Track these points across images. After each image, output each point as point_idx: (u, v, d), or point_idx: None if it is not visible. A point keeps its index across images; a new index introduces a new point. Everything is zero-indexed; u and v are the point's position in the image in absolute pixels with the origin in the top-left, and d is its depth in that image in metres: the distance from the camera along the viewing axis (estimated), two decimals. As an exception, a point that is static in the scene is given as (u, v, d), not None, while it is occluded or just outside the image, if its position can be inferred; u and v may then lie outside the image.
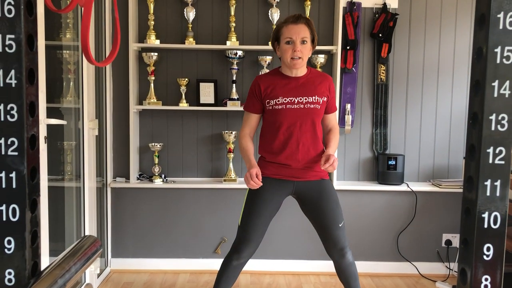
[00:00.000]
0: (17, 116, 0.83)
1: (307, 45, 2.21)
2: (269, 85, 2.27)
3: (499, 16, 0.81)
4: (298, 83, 2.27)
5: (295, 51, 2.18)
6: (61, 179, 2.76)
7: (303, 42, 2.19)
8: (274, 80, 2.29)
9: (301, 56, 2.20)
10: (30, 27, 0.85)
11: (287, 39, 2.19)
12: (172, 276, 3.29)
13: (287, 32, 2.19)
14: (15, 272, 0.84)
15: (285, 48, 2.21)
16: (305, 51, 2.21)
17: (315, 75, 2.32)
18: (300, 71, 2.28)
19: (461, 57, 3.37)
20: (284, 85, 2.26)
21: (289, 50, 2.19)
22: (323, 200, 2.30)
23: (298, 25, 2.19)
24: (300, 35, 2.18)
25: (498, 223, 0.84)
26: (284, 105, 2.24)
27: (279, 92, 2.25)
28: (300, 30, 2.19)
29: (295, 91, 2.25)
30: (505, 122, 0.83)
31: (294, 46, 2.18)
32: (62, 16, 2.68)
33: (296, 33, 2.18)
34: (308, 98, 2.25)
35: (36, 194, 0.88)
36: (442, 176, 3.44)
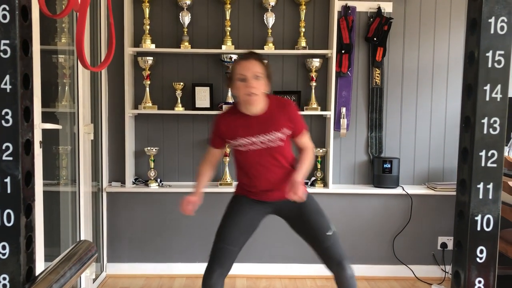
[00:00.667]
0: (12, 121, 0.83)
1: (261, 80, 2.14)
2: (229, 127, 2.23)
3: (490, 21, 0.82)
4: (256, 122, 2.21)
5: (248, 87, 2.11)
6: (57, 184, 2.75)
7: (256, 77, 2.13)
8: (233, 120, 2.23)
9: (255, 92, 2.12)
10: (25, 32, 0.85)
11: (239, 76, 2.13)
12: (168, 280, 3.28)
13: (240, 69, 2.14)
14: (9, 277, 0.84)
15: (238, 85, 2.14)
16: (259, 86, 2.14)
17: (274, 107, 2.23)
18: (258, 108, 2.20)
19: (455, 61, 3.39)
20: (243, 125, 2.21)
21: (242, 87, 2.13)
22: (304, 213, 2.27)
23: (249, 61, 2.15)
24: (252, 70, 2.12)
25: (491, 225, 0.85)
26: (245, 146, 2.21)
27: (239, 133, 2.21)
28: (252, 66, 2.13)
29: (254, 130, 2.20)
30: (497, 126, 0.84)
31: (247, 82, 2.12)
32: (57, 20, 2.68)
33: (248, 69, 2.12)
34: (268, 136, 2.20)
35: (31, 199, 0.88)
36: (437, 179, 3.46)
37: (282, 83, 3.39)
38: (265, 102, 2.22)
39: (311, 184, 3.35)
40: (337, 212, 3.36)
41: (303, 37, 3.28)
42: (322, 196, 3.34)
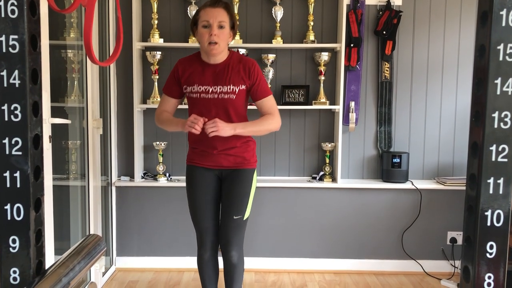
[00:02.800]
0: (20, 116, 0.84)
1: (225, 30, 2.11)
2: (186, 70, 2.22)
3: (501, 13, 0.81)
4: (214, 71, 2.18)
5: (211, 35, 2.08)
6: (66, 178, 2.77)
7: (220, 26, 2.09)
8: (192, 66, 2.22)
9: (217, 41, 2.09)
10: (33, 27, 0.85)
11: (203, 22, 2.10)
12: (177, 274, 3.30)
13: (204, 15, 2.11)
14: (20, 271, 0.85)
15: (201, 32, 2.12)
16: (222, 36, 2.10)
17: (234, 62, 2.20)
18: (218, 57, 2.18)
19: (466, 54, 3.35)
20: (201, 72, 2.19)
21: (205, 34, 2.10)
22: (231, 186, 2.26)
23: (215, 8, 2.10)
24: (218, 18, 2.08)
25: (501, 221, 0.84)
26: (198, 94, 2.19)
27: (195, 79, 2.19)
28: (218, 13, 2.09)
29: (210, 79, 2.18)
30: (508, 120, 0.83)
31: (211, 30, 2.08)
32: (66, 15, 2.69)
33: (213, 16, 2.08)
34: (222, 88, 2.17)
35: (40, 194, 0.89)
36: (447, 173, 3.43)
37: (291, 77, 3.37)
38: (227, 53, 2.20)
39: (320, 179, 3.34)
40: (346, 207, 3.35)
41: (311, 30, 3.26)
42: (330, 191, 3.34)
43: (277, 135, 3.41)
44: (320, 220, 3.37)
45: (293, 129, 3.41)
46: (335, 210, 3.34)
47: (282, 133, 3.41)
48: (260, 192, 3.35)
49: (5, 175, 0.84)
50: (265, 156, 3.43)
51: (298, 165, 3.43)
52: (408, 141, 3.42)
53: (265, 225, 3.36)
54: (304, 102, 3.29)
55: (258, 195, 3.42)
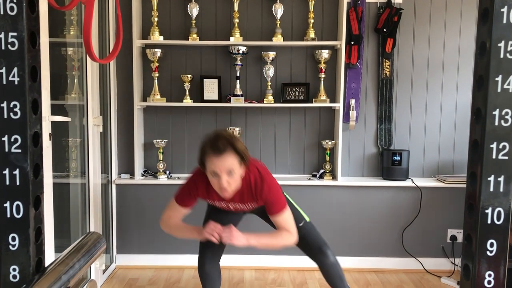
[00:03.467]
0: (20, 113, 0.84)
1: (235, 173, 2.00)
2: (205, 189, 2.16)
3: (502, 10, 0.80)
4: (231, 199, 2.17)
5: (221, 183, 1.98)
6: (66, 176, 2.77)
7: (230, 173, 1.98)
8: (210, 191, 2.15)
9: (229, 188, 2.01)
10: (32, 24, 0.85)
11: (211, 172, 1.99)
12: (177, 272, 3.31)
13: (211, 164, 1.97)
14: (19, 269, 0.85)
15: (212, 180, 2.02)
16: (233, 180, 2.00)
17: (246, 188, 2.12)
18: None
19: (466, 52, 3.35)
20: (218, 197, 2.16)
21: (215, 182, 2.01)
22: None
23: (222, 156, 1.95)
24: (225, 167, 1.95)
25: (501, 218, 0.84)
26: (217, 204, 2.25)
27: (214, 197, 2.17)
28: (225, 162, 1.95)
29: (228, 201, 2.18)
30: (508, 117, 0.83)
31: (220, 179, 1.98)
32: (65, 13, 2.69)
33: (220, 166, 1.95)
34: (241, 205, 2.21)
35: (40, 191, 0.89)
36: (447, 171, 3.43)
37: (291, 75, 3.37)
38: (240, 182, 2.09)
39: (320, 177, 3.34)
40: (346, 204, 3.35)
41: (312, 28, 3.25)
42: (331, 189, 3.34)
43: (277, 132, 3.41)
44: (320, 218, 3.36)
45: (293, 126, 3.41)
46: (335, 208, 3.34)
47: (282, 131, 3.41)
48: (260, 190, 3.35)
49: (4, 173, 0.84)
50: (265, 153, 3.42)
51: (298, 162, 3.43)
52: (409, 139, 3.41)
53: (265, 223, 3.36)
54: (304, 99, 3.29)
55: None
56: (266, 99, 3.26)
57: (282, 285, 3.12)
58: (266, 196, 2.11)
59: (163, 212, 2.27)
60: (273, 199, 2.13)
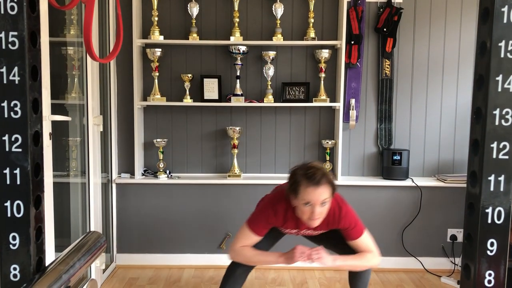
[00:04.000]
0: (20, 112, 0.84)
1: (327, 204, 2.05)
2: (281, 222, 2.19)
3: (503, 10, 0.80)
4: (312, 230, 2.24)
5: (313, 213, 2.02)
6: (67, 175, 2.77)
7: (323, 204, 2.03)
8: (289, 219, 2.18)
9: (320, 218, 2.06)
10: (33, 24, 0.85)
11: (305, 201, 2.01)
12: (177, 271, 3.31)
13: (306, 195, 2.00)
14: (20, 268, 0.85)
15: (303, 209, 2.05)
16: (324, 211, 2.06)
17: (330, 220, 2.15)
18: None
19: (467, 51, 3.35)
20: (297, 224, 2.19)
21: (307, 212, 2.04)
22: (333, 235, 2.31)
23: (319, 188, 2.00)
24: (321, 198, 2.00)
25: (502, 218, 0.84)
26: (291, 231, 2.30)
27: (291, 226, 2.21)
28: (321, 193, 2.00)
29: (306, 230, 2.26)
30: (509, 117, 0.82)
31: (313, 209, 2.01)
32: (66, 12, 2.69)
33: (315, 197, 1.99)
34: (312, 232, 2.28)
35: (40, 190, 0.89)
36: (447, 171, 3.43)
37: (291, 74, 3.37)
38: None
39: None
40: (346, 204, 3.34)
41: (312, 27, 3.25)
42: (330, 188, 3.34)
43: (277, 132, 3.41)
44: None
45: (293, 126, 3.41)
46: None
47: (282, 131, 3.40)
48: (260, 189, 3.34)
49: (5, 172, 0.84)
50: (266, 153, 3.42)
51: (299, 162, 3.42)
52: (409, 138, 3.41)
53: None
54: (305, 99, 3.29)
55: (258, 192, 3.42)
56: (266, 98, 3.26)
57: (282, 284, 3.12)
58: (343, 224, 2.17)
59: (233, 243, 2.22)
60: (351, 225, 2.19)
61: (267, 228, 2.20)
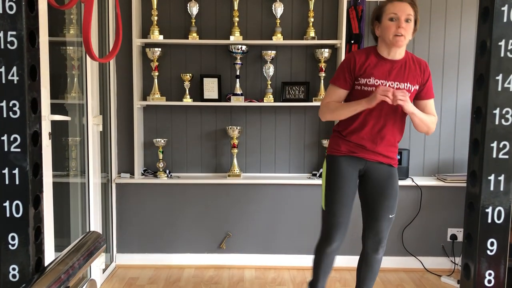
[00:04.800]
0: (19, 112, 0.83)
1: (410, 24, 2.13)
2: (364, 62, 2.19)
3: (503, 9, 0.80)
4: (392, 67, 2.19)
5: (399, 27, 2.09)
6: (66, 175, 2.77)
7: (407, 20, 2.11)
8: (370, 58, 2.20)
9: (404, 33, 2.11)
10: (32, 23, 0.85)
11: (391, 15, 2.12)
12: (177, 271, 3.31)
13: (392, 8, 2.13)
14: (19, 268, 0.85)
15: (388, 24, 2.12)
16: (408, 29, 2.12)
17: (411, 60, 2.23)
18: (398, 53, 2.19)
19: (467, 51, 3.34)
20: (379, 66, 2.18)
21: (392, 26, 2.11)
22: (387, 186, 2.27)
23: (403, 2, 2.13)
24: (406, 12, 2.11)
25: (502, 217, 0.84)
26: (374, 87, 2.16)
27: (373, 72, 2.18)
28: (406, 7, 2.12)
29: (389, 74, 2.18)
30: (509, 116, 0.82)
31: (399, 22, 2.10)
32: (65, 12, 2.68)
33: (401, 10, 2.11)
34: (400, 85, 2.18)
35: (39, 190, 0.89)
36: (447, 170, 3.43)
37: (291, 74, 3.37)
38: (404, 50, 2.23)
39: (320, 176, 3.34)
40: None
41: (312, 27, 3.25)
42: (330, 188, 3.33)
43: (277, 131, 3.40)
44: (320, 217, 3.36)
45: (293, 126, 3.41)
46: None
47: (282, 130, 3.40)
48: (260, 189, 3.35)
49: (4, 172, 0.84)
50: (266, 153, 3.42)
51: (299, 162, 3.43)
52: (409, 138, 3.41)
53: (266, 221, 3.37)
54: (304, 98, 3.29)
55: (258, 192, 3.42)
56: (266, 98, 3.25)
57: (282, 284, 3.12)
58: (428, 75, 2.23)
59: (321, 102, 2.31)
60: (431, 82, 2.26)
61: (350, 77, 2.21)
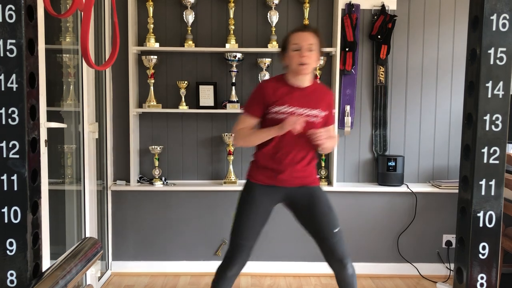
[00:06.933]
0: (18, 119, 0.84)
1: (314, 52, 2.21)
2: (275, 91, 2.25)
3: (492, 18, 0.82)
4: (303, 93, 2.25)
5: (302, 56, 2.18)
6: (62, 183, 2.77)
7: (310, 49, 2.20)
8: (280, 87, 2.26)
9: (308, 62, 2.19)
10: (31, 31, 0.86)
11: (294, 45, 2.20)
12: (173, 278, 3.30)
13: (295, 38, 2.22)
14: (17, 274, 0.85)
15: (292, 54, 2.21)
16: (312, 57, 2.21)
17: (319, 88, 2.33)
18: (305, 80, 2.26)
19: (460, 58, 3.38)
20: (290, 94, 2.24)
21: (296, 56, 2.19)
22: (314, 205, 2.28)
23: (305, 32, 2.24)
24: (308, 41, 2.20)
25: (493, 222, 0.86)
26: (286, 114, 2.21)
27: (284, 100, 2.23)
28: (308, 37, 2.21)
29: (300, 101, 2.23)
30: (499, 123, 0.84)
31: (301, 52, 2.19)
32: (62, 20, 2.70)
33: (304, 39, 2.20)
34: (311, 111, 2.24)
35: (37, 196, 0.89)
36: (441, 177, 3.45)
37: (286, 81, 3.39)
38: (312, 78, 2.32)
39: (315, 182, 3.35)
40: (342, 210, 3.35)
41: (306, 35, 3.28)
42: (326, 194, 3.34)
43: (273, 139, 3.41)
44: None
45: (289, 133, 3.42)
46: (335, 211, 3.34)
47: (278, 137, 3.41)
48: (256, 196, 3.35)
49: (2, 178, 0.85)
50: (261, 159, 3.43)
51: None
52: (403, 145, 3.44)
53: (261, 228, 3.37)
54: (300, 106, 3.30)
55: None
56: (262, 105, 3.27)
57: (278, 291, 3.11)
58: (332, 103, 2.37)
59: (233, 130, 2.37)
60: (333, 108, 2.40)
61: (260, 106, 2.25)
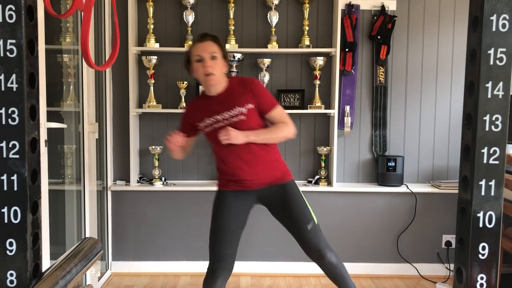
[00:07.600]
0: (18, 119, 0.84)
1: (218, 60, 2.17)
2: (194, 109, 2.29)
3: (492, 18, 0.82)
4: (218, 100, 2.22)
5: (205, 67, 2.15)
6: (62, 183, 2.77)
7: (213, 58, 2.16)
8: (199, 103, 2.29)
9: (212, 71, 2.15)
10: (31, 31, 0.86)
11: (196, 57, 2.17)
12: (173, 278, 3.30)
13: (195, 50, 2.18)
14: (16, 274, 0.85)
15: (196, 66, 2.18)
16: (216, 66, 2.17)
17: (235, 85, 2.25)
18: (219, 88, 2.22)
19: (459, 59, 3.38)
20: (207, 106, 2.24)
21: (200, 67, 2.17)
22: (285, 202, 2.27)
23: (204, 42, 2.19)
24: (208, 50, 2.16)
25: (493, 222, 0.86)
26: (209, 126, 2.23)
27: (203, 114, 2.24)
28: (208, 46, 2.17)
29: (216, 109, 2.21)
30: (499, 123, 0.84)
31: (204, 62, 2.15)
32: (62, 20, 2.70)
33: (204, 50, 2.16)
34: (230, 112, 2.20)
35: (37, 197, 0.89)
36: (441, 177, 3.45)
37: (286, 81, 3.39)
38: (226, 82, 2.25)
39: (315, 183, 3.36)
40: (341, 210, 3.36)
41: (306, 35, 3.28)
42: (326, 195, 3.35)
43: (272, 139, 3.41)
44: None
45: (289, 133, 3.42)
46: (330, 213, 3.35)
47: (278, 137, 3.41)
48: (256, 196, 3.35)
49: (2, 178, 0.85)
50: (261, 160, 3.43)
51: (294, 169, 3.44)
52: (403, 145, 3.44)
53: (261, 229, 3.37)
54: (300, 106, 3.31)
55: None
56: (262, 105, 3.27)
57: (278, 291, 3.11)
58: (257, 88, 2.24)
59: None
60: (265, 93, 2.28)
61: (188, 122, 2.32)
